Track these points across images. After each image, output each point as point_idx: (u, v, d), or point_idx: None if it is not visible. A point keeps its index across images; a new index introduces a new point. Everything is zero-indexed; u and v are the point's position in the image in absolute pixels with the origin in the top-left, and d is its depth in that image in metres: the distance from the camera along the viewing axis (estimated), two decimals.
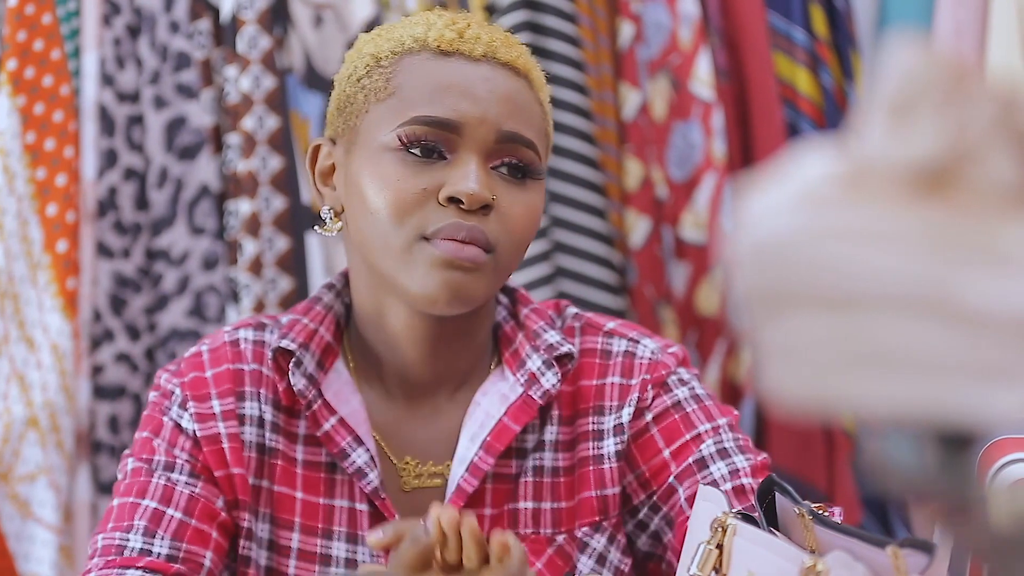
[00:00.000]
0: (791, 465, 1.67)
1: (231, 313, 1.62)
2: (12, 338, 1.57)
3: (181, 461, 1.00)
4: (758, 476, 0.99)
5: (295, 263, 1.63)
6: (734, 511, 0.83)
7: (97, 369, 1.59)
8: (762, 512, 0.83)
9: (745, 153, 1.79)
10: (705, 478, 0.99)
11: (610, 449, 1.03)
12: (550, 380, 1.01)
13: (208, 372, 1.03)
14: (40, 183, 1.60)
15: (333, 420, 1.01)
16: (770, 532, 0.81)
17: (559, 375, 1.01)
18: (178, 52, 1.64)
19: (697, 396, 1.04)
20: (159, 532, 0.97)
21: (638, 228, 1.71)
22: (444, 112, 0.95)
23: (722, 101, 1.76)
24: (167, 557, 0.96)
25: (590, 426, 1.04)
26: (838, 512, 0.92)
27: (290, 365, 1.00)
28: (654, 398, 1.04)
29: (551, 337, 1.03)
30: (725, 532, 0.82)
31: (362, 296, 1.03)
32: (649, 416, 1.03)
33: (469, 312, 0.98)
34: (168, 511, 0.98)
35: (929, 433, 0.46)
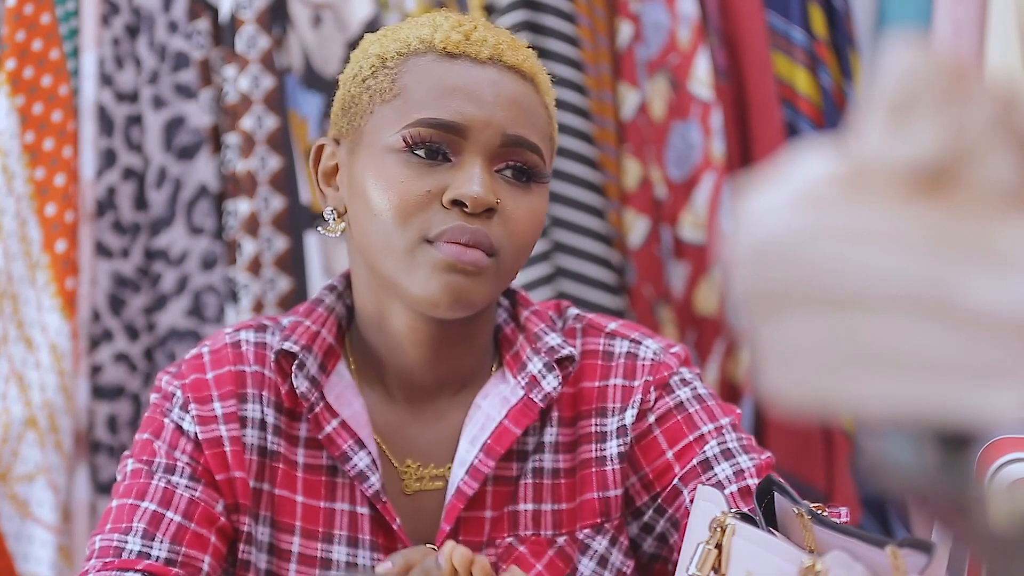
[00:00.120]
0: (790, 465, 1.67)
1: (230, 313, 1.62)
2: (11, 338, 1.57)
3: (182, 464, 1.00)
4: (763, 476, 0.98)
5: (294, 263, 1.63)
6: (733, 511, 0.83)
7: (96, 369, 1.59)
8: (761, 512, 0.83)
9: (744, 153, 1.79)
10: (710, 479, 0.99)
11: (613, 451, 1.02)
12: (551, 383, 1.01)
13: (209, 374, 1.02)
14: (39, 183, 1.60)
15: (335, 423, 1.00)
16: (769, 532, 0.81)
17: (560, 378, 1.01)
18: (177, 52, 1.64)
19: (700, 396, 1.04)
20: (158, 535, 0.96)
21: (637, 228, 1.71)
22: (449, 115, 0.95)
23: (721, 101, 1.76)
24: (166, 560, 0.96)
25: (592, 428, 1.03)
26: (844, 512, 0.91)
27: (293, 367, 1.00)
28: (657, 399, 1.03)
29: (552, 339, 1.03)
30: (724, 532, 0.82)
31: (364, 298, 1.02)
32: (652, 418, 1.03)
33: (471, 315, 0.98)
34: (167, 514, 0.97)
35: (928, 433, 0.46)
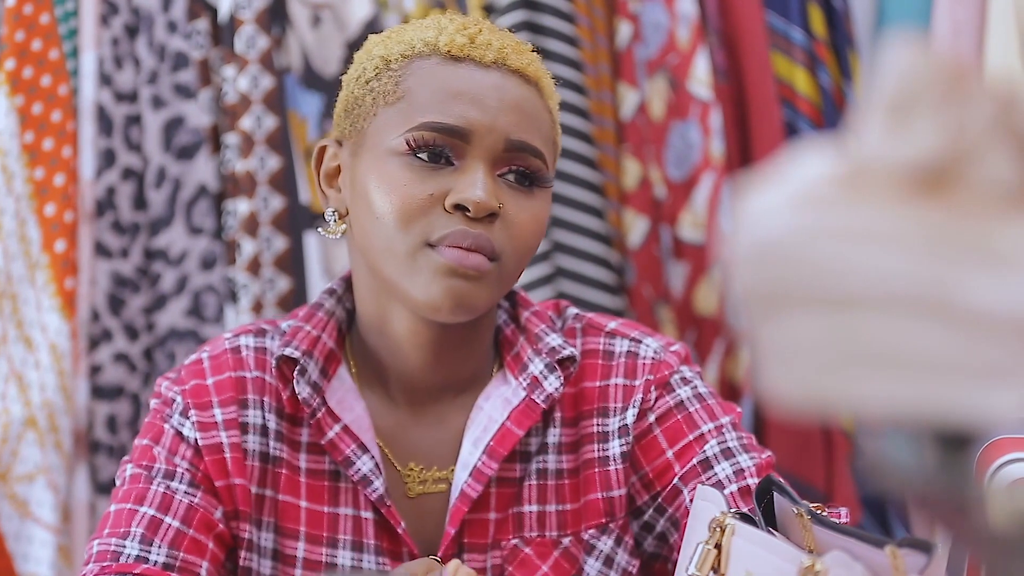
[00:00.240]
0: (789, 465, 1.67)
1: (229, 313, 1.62)
2: (10, 338, 1.57)
3: (181, 470, 0.99)
4: (763, 476, 0.98)
5: (293, 263, 1.63)
6: (732, 511, 0.83)
7: (95, 369, 1.59)
8: (760, 512, 0.83)
9: (743, 153, 1.79)
10: (710, 479, 0.99)
11: (615, 451, 1.02)
12: (553, 384, 1.01)
13: (209, 380, 1.02)
14: (38, 183, 1.59)
15: (337, 428, 1.00)
16: (768, 532, 0.81)
17: (561, 378, 1.01)
18: (176, 52, 1.64)
19: (700, 395, 1.04)
20: (156, 540, 0.96)
21: (636, 228, 1.71)
22: (453, 119, 0.94)
23: (720, 101, 1.76)
24: (163, 565, 0.96)
25: (594, 428, 1.03)
26: (844, 513, 0.91)
27: (294, 373, 1.00)
28: (657, 399, 1.03)
29: (553, 340, 1.03)
30: (723, 532, 0.82)
31: (365, 301, 1.02)
32: (652, 417, 1.03)
33: (473, 319, 0.98)
34: (166, 519, 0.97)
35: (927, 433, 0.46)
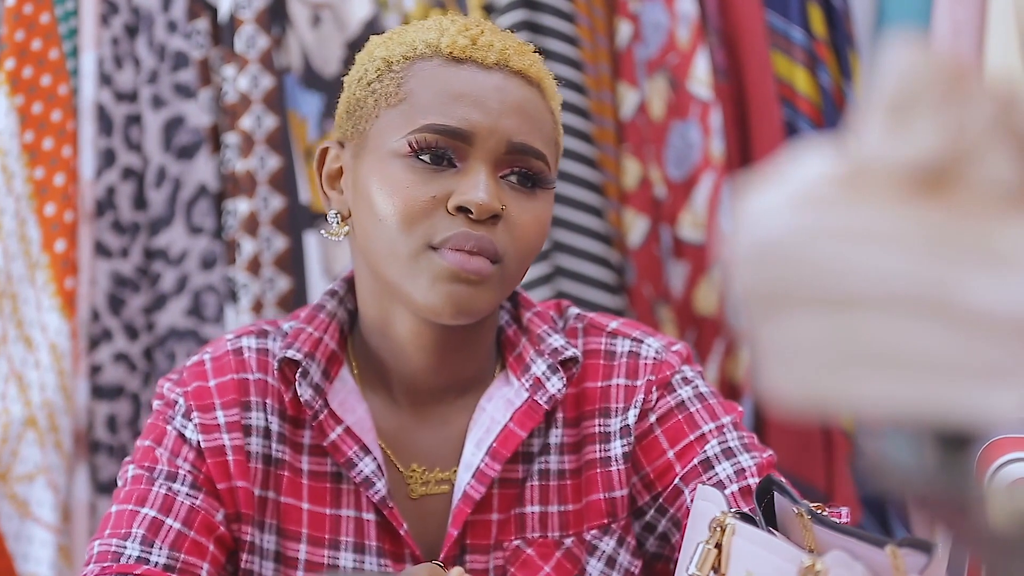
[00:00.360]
0: (790, 465, 1.67)
1: (229, 312, 1.62)
2: (10, 338, 1.57)
3: (183, 472, 0.99)
4: (764, 475, 0.98)
5: (293, 263, 1.63)
6: (733, 510, 0.83)
7: (95, 369, 1.59)
8: (761, 511, 0.83)
9: (743, 153, 1.79)
10: (711, 479, 0.99)
11: (617, 451, 1.02)
12: (555, 385, 1.01)
13: (212, 382, 1.02)
14: (38, 182, 1.59)
15: (339, 429, 1.00)
16: (769, 532, 0.81)
17: (564, 380, 1.01)
18: (176, 51, 1.64)
19: (701, 395, 1.04)
20: (157, 541, 0.96)
21: (636, 227, 1.71)
22: (455, 121, 0.94)
23: (720, 100, 1.76)
24: (164, 567, 0.96)
25: (596, 428, 1.03)
26: (845, 512, 0.91)
27: (296, 375, 0.99)
28: (658, 399, 1.03)
29: (555, 341, 1.03)
30: (724, 531, 0.82)
31: (367, 303, 1.02)
32: (653, 417, 1.03)
33: (475, 321, 0.98)
34: (167, 521, 0.97)
35: (928, 433, 0.46)
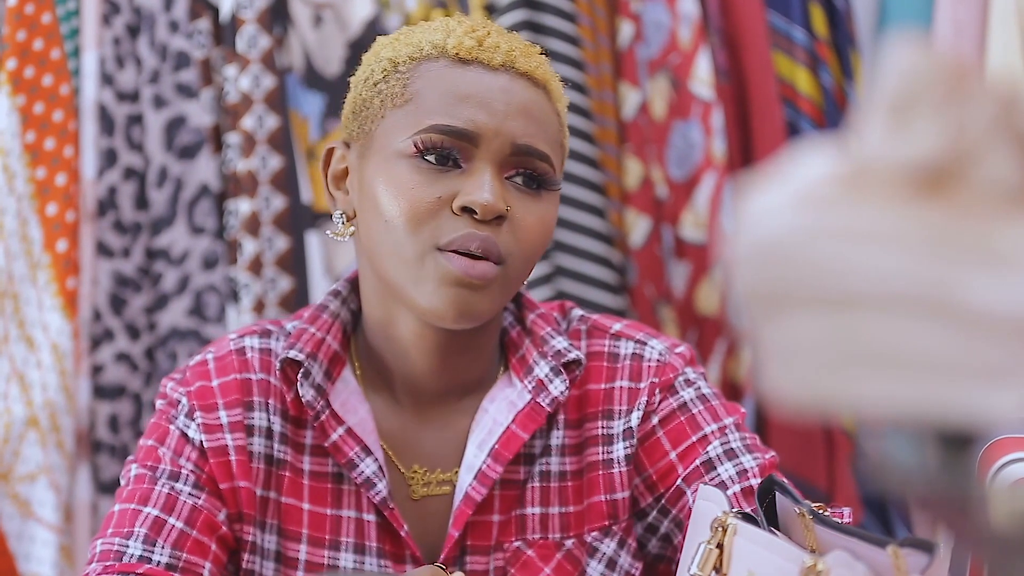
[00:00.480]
0: (791, 465, 1.67)
1: (231, 312, 1.62)
2: (12, 337, 1.57)
3: (186, 471, 0.99)
4: (766, 476, 0.98)
5: (295, 263, 1.63)
6: (734, 511, 0.83)
7: (97, 369, 1.59)
8: (763, 512, 0.83)
9: (745, 153, 1.79)
10: (713, 480, 0.99)
11: (619, 453, 1.02)
12: (558, 387, 1.01)
13: (215, 382, 1.02)
14: (40, 182, 1.60)
15: (341, 430, 1.00)
16: (770, 532, 0.81)
17: (567, 382, 1.01)
18: (178, 51, 1.64)
19: (703, 396, 1.04)
20: (159, 540, 0.96)
21: (638, 227, 1.71)
22: (461, 122, 0.94)
23: (722, 100, 1.76)
24: (167, 566, 0.96)
25: (599, 430, 1.03)
26: (847, 513, 0.91)
27: (298, 376, 1.00)
28: (661, 401, 1.03)
29: (558, 343, 1.03)
30: (725, 532, 0.82)
31: (371, 304, 1.02)
32: (656, 419, 1.03)
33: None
34: (170, 520, 0.97)
35: (929, 433, 0.46)
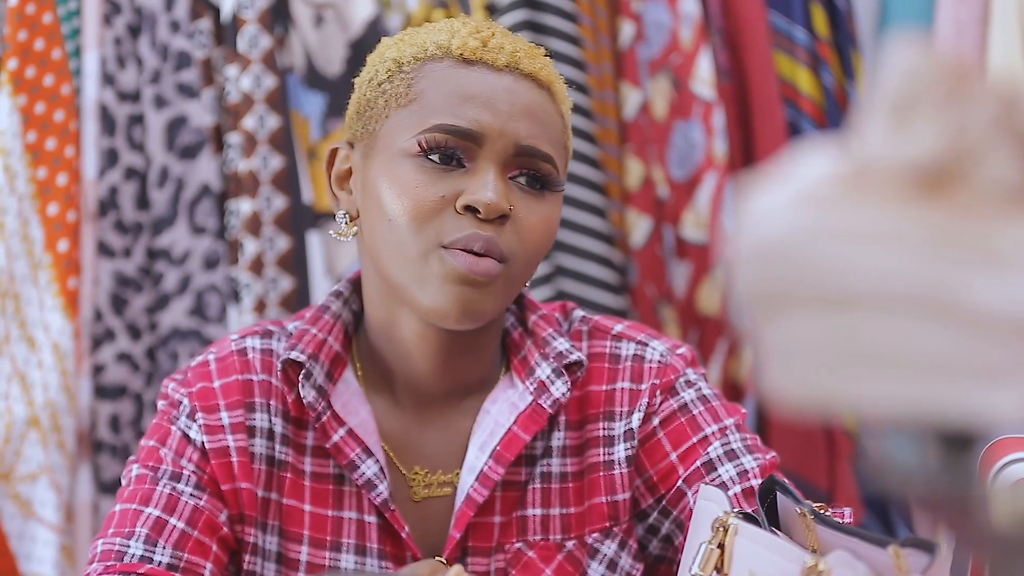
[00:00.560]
0: (792, 465, 1.67)
1: (232, 312, 1.62)
2: (13, 337, 1.57)
3: (188, 472, 1.00)
4: (767, 476, 0.98)
5: (296, 263, 1.63)
6: (735, 511, 0.83)
7: (98, 368, 1.59)
8: (764, 512, 0.83)
9: (746, 153, 1.79)
10: (714, 480, 0.99)
11: (620, 455, 1.03)
12: (560, 389, 1.01)
13: (216, 382, 1.02)
14: (41, 182, 1.60)
15: (342, 431, 1.00)
16: (772, 532, 0.81)
17: (568, 384, 1.01)
18: (179, 51, 1.64)
19: (704, 397, 1.04)
20: (160, 541, 0.96)
21: (639, 227, 1.71)
22: (465, 122, 0.95)
23: (723, 100, 1.76)
24: (168, 566, 0.96)
25: (600, 432, 1.03)
26: (848, 513, 0.91)
27: (300, 377, 1.00)
28: (662, 402, 1.03)
29: (560, 345, 1.03)
30: (726, 532, 0.82)
31: (373, 305, 1.02)
32: (656, 420, 1.03)
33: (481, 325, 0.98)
34: (171, 520, 0.97)
35: (930, 433, 0.46)
